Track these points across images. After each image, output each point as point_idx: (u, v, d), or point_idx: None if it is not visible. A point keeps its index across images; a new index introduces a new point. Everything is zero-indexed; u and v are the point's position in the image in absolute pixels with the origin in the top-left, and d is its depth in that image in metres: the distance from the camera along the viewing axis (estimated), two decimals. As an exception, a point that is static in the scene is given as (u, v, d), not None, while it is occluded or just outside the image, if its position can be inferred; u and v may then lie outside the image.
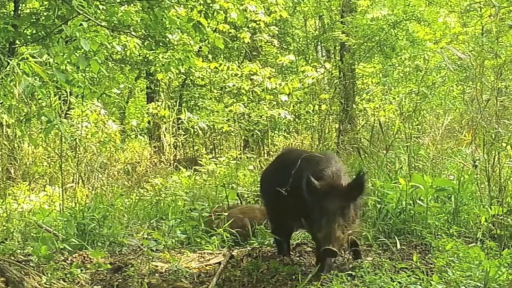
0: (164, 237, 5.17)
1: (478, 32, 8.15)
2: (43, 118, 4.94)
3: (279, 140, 12.19)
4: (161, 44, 6.84)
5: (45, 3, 6.93)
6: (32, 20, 6.85)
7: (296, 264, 4.14)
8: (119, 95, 13.31)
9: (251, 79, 10.57)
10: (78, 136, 7.71)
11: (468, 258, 3.59)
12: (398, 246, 4.27)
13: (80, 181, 7.66)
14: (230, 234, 4.92)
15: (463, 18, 10.30)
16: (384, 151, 6.14)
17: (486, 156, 4.63)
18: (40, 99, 6.03)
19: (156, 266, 4.25)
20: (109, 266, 4.23)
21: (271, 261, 4.13)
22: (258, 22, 10.63)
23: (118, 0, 6.33)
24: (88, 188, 7.66)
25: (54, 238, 4.86)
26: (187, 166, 9.62)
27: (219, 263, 4.29)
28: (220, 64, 11.01)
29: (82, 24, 5.17)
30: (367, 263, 3.80)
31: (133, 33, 8.04)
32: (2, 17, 6.88)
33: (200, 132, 10.71)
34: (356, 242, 3.98)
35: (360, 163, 6.53)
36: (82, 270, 4.07)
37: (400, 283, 3.39)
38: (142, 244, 4.82)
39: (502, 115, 5.28)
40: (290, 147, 10.03)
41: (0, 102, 4.86)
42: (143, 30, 7.99)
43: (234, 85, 10.75)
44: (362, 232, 4.26)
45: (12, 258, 4.34)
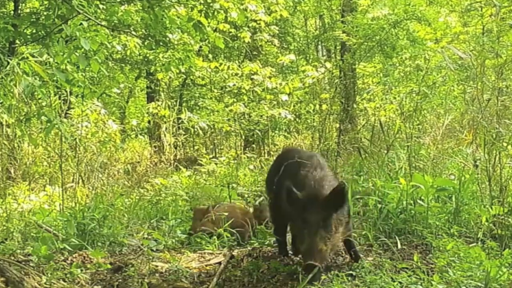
0: (164, 237, 5.17)
1: (479, 31, 8.15)
2: (43, 117, 4.95)
3: (279, 140, 12.18)
4: (161, 43, 6.83)
5: (45, 2, 6.94)
6: (32, 19, 6.86)
7: (297, 264, 4.12)
8: (119, 94, 13.31)
9: (252, 79, 10.56)
10: (78, 135, 7.70)
11: (469, 258, 3.58)
12: (399, 246, 4.25)
13: (80, 181, 7.65)
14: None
15: (464, 18, 10.31)
16: (385, 151, 6.14)
17: (487, 156, 4.62)
18: (40, 98, 6.03)
19: (156, 266, 4.23)
20: (109, 266, 4.22)
21: (271, 261, 4.13)
22: (258, 22, 10.62)
23: (118, 0, 6.33)
24: (88, 188, 7.65)
25: (54, 238, 4.85)
26: (187, 166, 9.62)
27: (220, 263, 4.28)
28: (221, 64, 11.01)
29: (82, 23, 5.17)
30: (368, 263, 3.79)
31: (133, 32, 8.03)
32: (2, 16, 6.89)
33: (200, 131, 10.70)
34: (352, 244, 3.94)
35: (361, 163, 6.52)
36: (82, 270, 4.06)
37: (400, 283, 3.38)
38: (142, 244, 4.82)
39: (503, 115, 5.27)
40: (290, 146, 9.99)
41: (0, 102, 4.85)
42: (143, 30, 7.99)
43: (234, 84, 10.75)
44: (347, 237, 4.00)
45: (12, 258, 4.33)
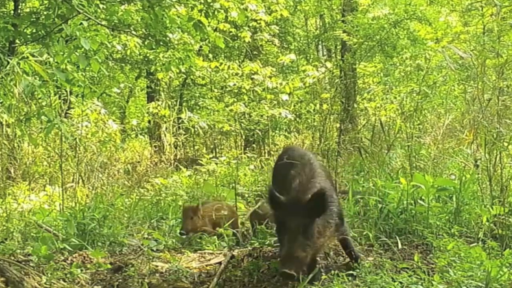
0: (165, 237, 5.16)
1: (479, 31, 8.14)
2: (43, 117, 4.95)
3: (280, 139, 12.18)
4: (161, 43, 6.83)
5: (45, 2, 6.94)
6: (32, 19, 6.86)
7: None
8: (119, 94, 13.32)
9: (252, 79, 10.57)
10: (78, 135, 7.69)
11: (469, 258, 3.57)
12: (400, 246, 4.25)
13: (80, 180, 7.64)
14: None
15: (465, 17, 10.31)
16: (385, 151, 6.13)
17: (487, 155, 4.60)
18: (40, 98, 6.02)
19: (157, 266, 4.23)
20: (109, 266, 4.22)
21: (272, 261, 4.11)
22: (258, 21, 10.63)
23: (118, -1, 6.33)
24: (88, 188, 7.64)
25: (54, 238, 4.84)
26: (187, 165, 9.61)
27: (220, 263, 4.27)
28: (221, 64, 11.02)
29: (82, 23, 5.17)
30: (368, 263, 3.78)
31: (133, 32, 8.03)
32: (2, 16, 6.88)
33: (200, 131, 10.70)
34: (349, 244, 3.88)
35: (361, 162, 6.52)
36: (82, 270, 4.05)
37: (401, 283, 3.37)
38: (142, 244, 4.81)
39: (504, 115, 5.26)
40: (291, 145, 9.91)
41: (0, 102, 4.85)
42: (143, 29, 7.99)
43: (234, 84, 10.76)
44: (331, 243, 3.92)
45: (12, 258, 4.32)
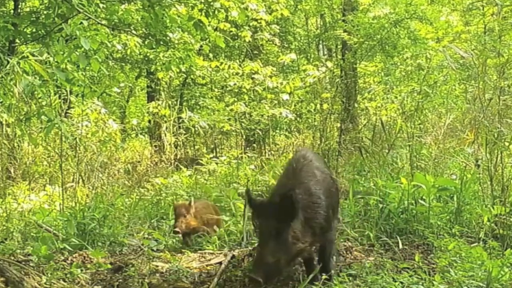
0: (165, 237, 5.16)
1: (480, 30, 8.11)
2: (43, 117, 4.94)
3: (280, 139, 12.16)
4: (161, 42, 6.83)
5: (45, 1, 6.94)
6: (32, 18, 6.86)
7: (297, 264, 4.10)
8: (119, 94, 13.31)
9: (252, 78, 10.55)
10: (78, 135, 7.69)
11: (470, 258, 3.57)
12: (400, 246, 4.25)
13: (80, 180, 7.64)
14: None
15: (466, 17, 10.29)
16: (386, 151, 6.12)
17: (488, 155, 4.59)
18: (40, 98, 6.01)
19: (157, 266, 4.22)
20: (109, 266, 4.22)
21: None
22: (259, 21, 10.62)
23: (118, -1, 6.33)
24: (88, 188, 7.64)
25: (54, 238, 4.85)
26: (187, 165, 9.60)
27: (220, 263, 4.26)
28: (221, 63, 11.01)
29: (82, 22, 5.16)
30: (369, 263, 3.78)
31: (133, 31, 8.02)
32: (2, 15, 6.87)
33: (201, 131, 10.69)
34: (326, 255, 3.64)
35: (362, 162, 6.51)
36: (82, 270, 4.05)
37: (402, 283, 3.36)
38: (142, 244, 4.81)
39: (505, 114, 5.24)
40: (302, 147, 9.40)
41: (0, 101, 4.84)
42: (143, 29, 7.98)
43: (235, 84, 10.74)
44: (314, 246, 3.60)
45: (12, 258, 4.32)
